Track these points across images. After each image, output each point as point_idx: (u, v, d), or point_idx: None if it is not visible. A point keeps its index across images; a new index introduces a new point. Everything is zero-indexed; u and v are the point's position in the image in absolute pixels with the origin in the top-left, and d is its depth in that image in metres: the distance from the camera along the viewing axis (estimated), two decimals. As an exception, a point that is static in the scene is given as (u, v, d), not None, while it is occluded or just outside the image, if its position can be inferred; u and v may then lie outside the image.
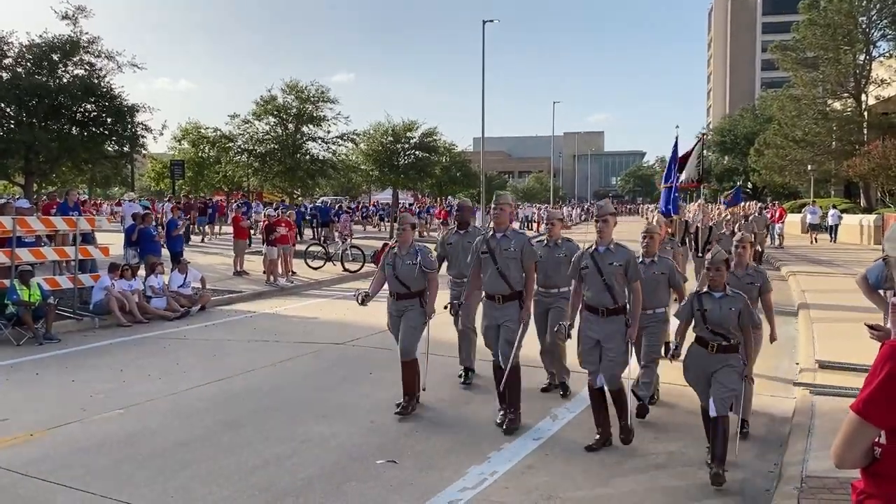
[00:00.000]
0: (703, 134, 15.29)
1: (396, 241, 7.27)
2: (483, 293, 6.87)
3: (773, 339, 6.78)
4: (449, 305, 7.83)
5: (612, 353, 6.03)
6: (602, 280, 6.06)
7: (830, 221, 31.87)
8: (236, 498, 5.12)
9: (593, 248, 6.21)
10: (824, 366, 8.35)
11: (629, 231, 14.88)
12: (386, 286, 7.34)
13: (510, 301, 6.60)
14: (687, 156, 14.58)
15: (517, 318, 6.56)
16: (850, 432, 2.19)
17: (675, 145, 14.20)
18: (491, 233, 6.76)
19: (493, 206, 6.94)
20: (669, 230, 13.05)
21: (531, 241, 7.04)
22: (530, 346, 7.46)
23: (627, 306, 6.16)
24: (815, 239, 30.60)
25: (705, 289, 5.72)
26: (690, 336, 5.76)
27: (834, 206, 34.81)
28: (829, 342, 9.64)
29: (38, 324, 10.87)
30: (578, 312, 6.37)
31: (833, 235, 31.36)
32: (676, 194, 12.92)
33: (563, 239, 7.64)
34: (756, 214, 22.81)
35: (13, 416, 7.02)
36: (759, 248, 21.03)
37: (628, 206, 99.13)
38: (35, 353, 10.06)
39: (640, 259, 7.24)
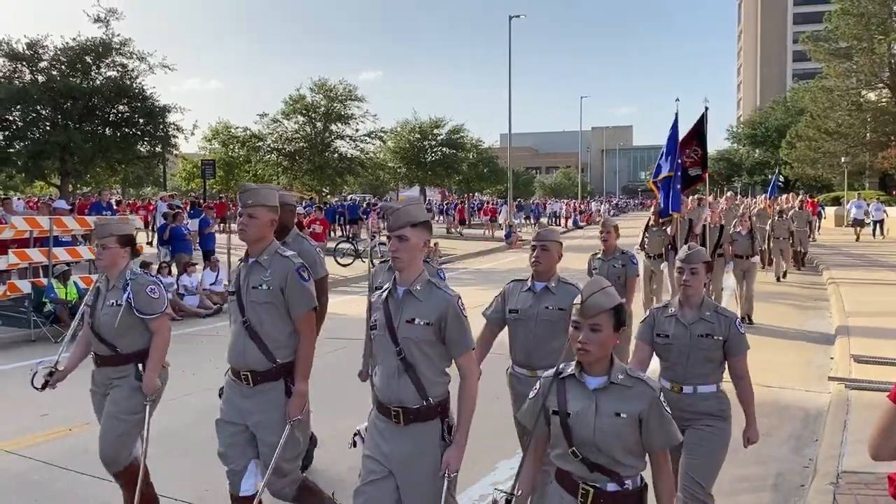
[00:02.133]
0: (706, 107, 11.58)
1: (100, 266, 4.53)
2: None
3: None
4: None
5: None
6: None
7: (874, 216, 29.34)
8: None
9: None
10: (859, 360, 8.22)
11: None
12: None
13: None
14: (692, 137, 11.62)
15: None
16: (887, 423, 2.16)
17: (675, 124, 11.22)
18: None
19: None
20: (669, 232, 11.89)
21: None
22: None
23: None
24: (859, 236, 27.74)
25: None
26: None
27: (878, 199, 32.34)
28: (865, 336, 9.49)
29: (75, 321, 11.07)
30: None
31: (881, 230, 28.74)
32: (678, 186, 10.91)
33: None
34: (796, 209, 20.43)
35: (52, 411, 7.17)
36: (800, 248, 19.21)
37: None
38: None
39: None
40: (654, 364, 4.07)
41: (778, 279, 16.56)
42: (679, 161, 10.98)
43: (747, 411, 4.06)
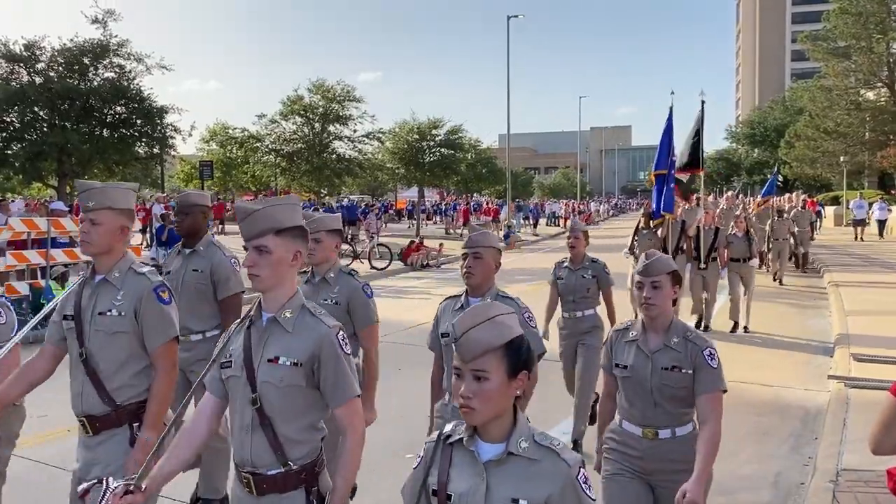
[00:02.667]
0: (703, 100, 11.05)
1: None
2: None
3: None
4: None
5: None
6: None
7: (877, 215, 28.49)
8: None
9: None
10: (859, 359, 8.21)
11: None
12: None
13: None
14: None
15: None
16: (888, 417, 2.16)
17: (670, 118, 10.87)
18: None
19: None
20: (660, 234, 11.28)
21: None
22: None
23: None
24: (862, 237, 26.65)
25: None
26: None
27: (882, 199, 31.36)
28: (864, 335, 9.48)
29: (73, 323, 11.05)
30: None
31: (882, 231, 27.70)
32: (672, 185, 10.38)
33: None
34: (798, 209, 19.48)
35: (51, 412, 7.14)
36: (801, 249, 18.36)
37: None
38: (70, 352, 10.21)
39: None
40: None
41: (775, 279, 16.23)
42: (674, 159, 10.57)
43: (700, 466, 3.01)
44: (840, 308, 12.09)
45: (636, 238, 11.38)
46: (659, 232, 11.18)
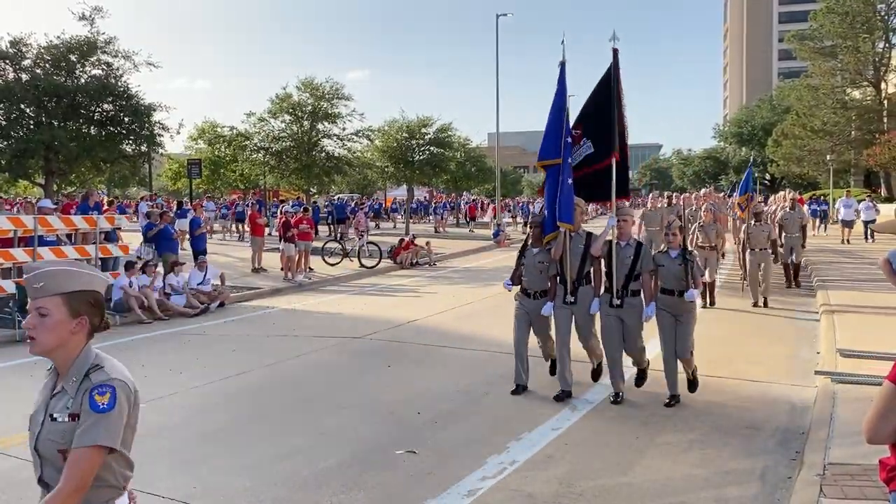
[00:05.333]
0: (615, 48, 7.37)
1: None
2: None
3: None
4: None
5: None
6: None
7: (864, 216, 25.27)
8: (258, 489, 5.16)
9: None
10: (845, 354, 8.28)
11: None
12: None
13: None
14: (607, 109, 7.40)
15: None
16: (885, 404, 2.14)
17: (562, 80, 7.43)
18: None
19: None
20: (553, 255, 7.33)
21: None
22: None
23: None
24: (848, 239, 24.10)
25: None
26: None
27: (870, 197, 29.12)
28: (851, 331, 9.56)
29: (61, 321, 10.98)
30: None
31: (869, 234, 24.29)
32: (570, 181, 7.15)
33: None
34: (787, 209, 15.71)
35: (38, 410, 7.12)
36: (792, 258, 14.86)
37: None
38: (58, 350, 10.16)
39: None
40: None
41: (757, 304, 12.56)
42: (568, 140, 7.24)
43: None
44: (826, 299, 12.01)
45: (523, 261, 7.57)
46: (552, 252, 7.33)
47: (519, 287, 7.61)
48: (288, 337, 10.85)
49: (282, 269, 17.62)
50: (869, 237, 24.20)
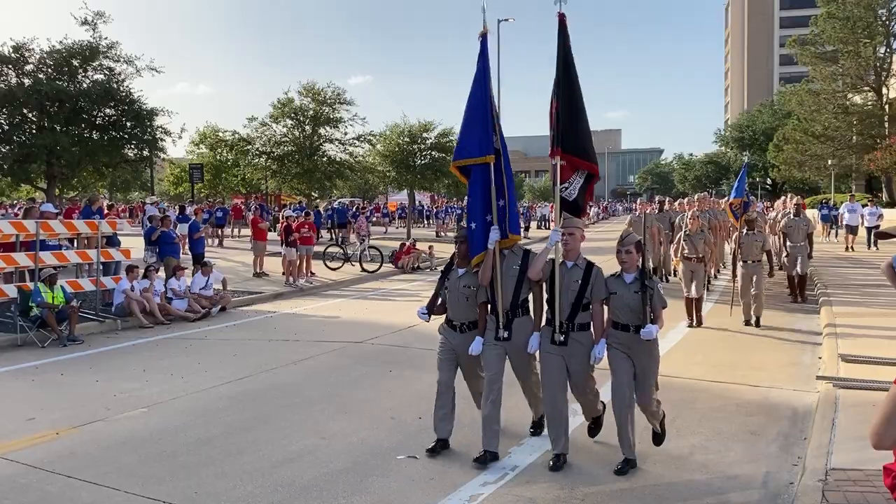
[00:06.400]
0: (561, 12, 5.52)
1: None
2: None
3: None
4: None
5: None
6: None
7: (868, 222, 24.20)
8: (259, 494, 5.16)
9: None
10: (847, 359, 8.27)
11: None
12: None
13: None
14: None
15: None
16: (892, 409, 2.12)
17: (484, 52, 5.84)
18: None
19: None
20: (481, 280, 5.86)
21: None
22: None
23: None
24: (853, 246, 23.33)
25: None
26: None
27: (872, 202, 28.46)
28: (853, 336, 9.54)
29: (62, 326, 11.01)
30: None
31: (872, 241, 23.41)
32: (510, 185, 5.90)
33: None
34: (791, 216, 14.36)
35: (39, 415, 7.12)
36: (797, 270, 13.66)
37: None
38: (59, 355, 10.18)
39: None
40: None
41: (749, 322, 11.43)
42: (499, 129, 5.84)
43: None
44: (828, 305, 11.84)
45: (446, 284, 6.07)
46: (480, 275, 5.83)
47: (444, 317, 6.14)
48: (289, 341, 10.85)
49: (283, 273, 17.64)
50: (873, 244, 23.27)
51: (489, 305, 5.87)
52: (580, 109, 5.80)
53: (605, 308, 5.59)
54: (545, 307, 5.77)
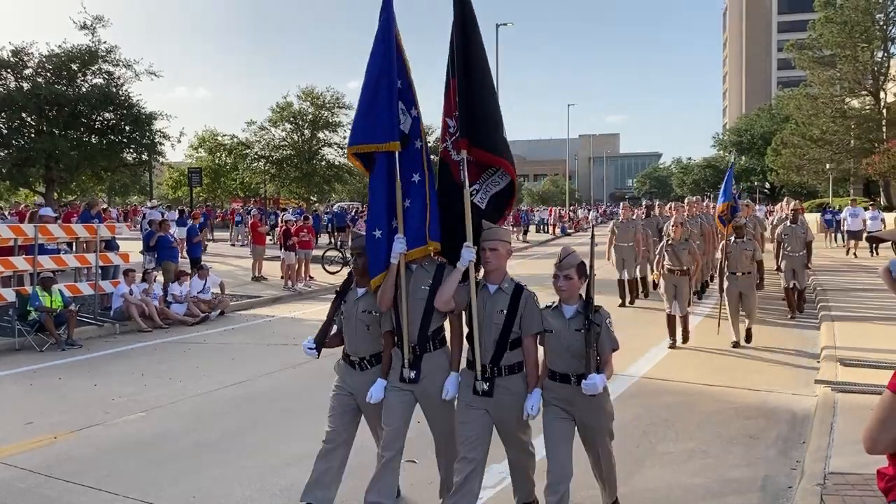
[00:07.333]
0: None
1: None
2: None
3: None
4: None
5: None
6: None
7: (869, 226, 23.11)
8: (258, 498, 5.15)
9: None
10: (846, 363, 8.27)
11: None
12: None
13: None
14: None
15: None
16: (885, 413, 2.11)
17: (388, 15, 4.75)
18: None
19: None
20: (379, 302, 4.48)
21: None
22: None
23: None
24: (855, 253, 22.54)
25: None
26: None
27: (872, 205, 27.96)
28: (852, 340, 9.54)
29: (60, 330, 11.00)
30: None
31: (874, 247, 22.92)
32: (431, 177, 4.71)
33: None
34: (787, 222, 13.04)
35: (38, 419, 7.11)
36: (795, 282, 12.32)
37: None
38: (57, 359, 10.17)
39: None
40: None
41: (738, 343, 9.99)
42: (414, 114, 4.84)
43: None
44: (826, 309, 11.71)
45: (342, 309, 4.97)
46: (379, 297, 4.49)
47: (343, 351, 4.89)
48: (288, 345, 10.84)
49: (282, 277, 17.64)
50: (874, 251, 22.71)
51: (395, 336, 4.46)
52: (488, 95, 4.55)
53: (541, 347, 4.25)
54: (465, 345, 4.33)
